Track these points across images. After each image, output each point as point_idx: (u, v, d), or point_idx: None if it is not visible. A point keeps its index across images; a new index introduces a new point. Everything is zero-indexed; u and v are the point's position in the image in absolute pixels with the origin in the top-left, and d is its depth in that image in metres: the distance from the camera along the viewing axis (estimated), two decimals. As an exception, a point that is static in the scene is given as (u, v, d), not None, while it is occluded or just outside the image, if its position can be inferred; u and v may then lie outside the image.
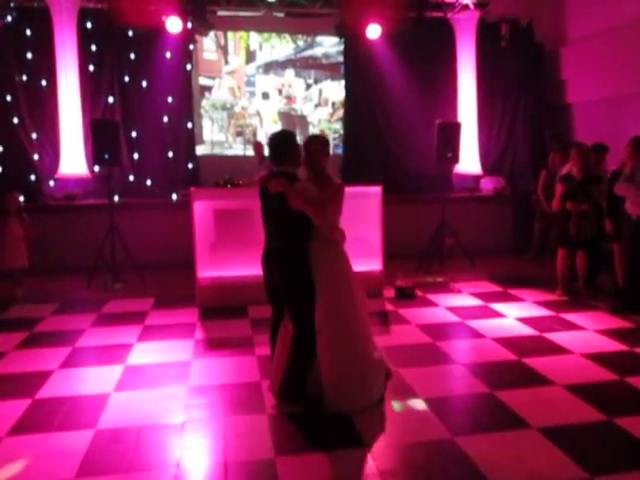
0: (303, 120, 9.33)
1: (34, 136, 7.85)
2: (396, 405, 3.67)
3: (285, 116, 9.25)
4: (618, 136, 6.85)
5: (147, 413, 3.58)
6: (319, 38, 9.18)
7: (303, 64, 9.20)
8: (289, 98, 9.25)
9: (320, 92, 9.33)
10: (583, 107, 8.69)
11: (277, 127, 8.97)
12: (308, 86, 9.28)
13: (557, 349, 4.64)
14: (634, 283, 5.57)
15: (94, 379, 4.13)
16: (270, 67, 9.15)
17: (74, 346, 4.77)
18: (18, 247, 6.17)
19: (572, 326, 5.20)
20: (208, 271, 5.89)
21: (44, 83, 7.84)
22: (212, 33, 8.70)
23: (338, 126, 9.37)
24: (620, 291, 5.75)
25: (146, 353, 4.61)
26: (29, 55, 7.76)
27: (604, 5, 8.08)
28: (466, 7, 8.61)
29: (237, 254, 5.89)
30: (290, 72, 9.19)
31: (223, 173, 7.85)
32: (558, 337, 4.89)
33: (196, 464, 3.03)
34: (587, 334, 5.00)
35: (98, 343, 4.91)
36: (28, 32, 7.78)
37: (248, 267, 5.87)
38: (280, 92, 9.20)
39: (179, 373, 4.18)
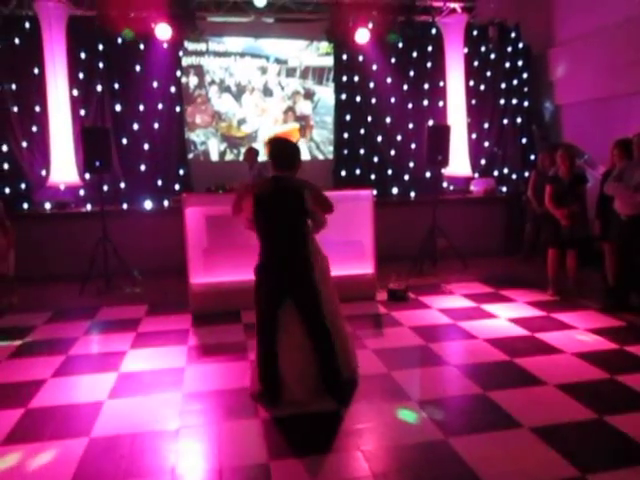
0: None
1: (24, 145, 7.83)
2: (390, 408, 3.69)
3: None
4: (606, 137, 6.91)
5: (141, 420, 3.58)
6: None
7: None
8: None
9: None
10: (571, 108, 8.77)
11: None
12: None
13: (549, 349, 4.68)
14: (624, 282, 5.64)
15: (88, 387, 4.12)
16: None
17: (67, 354, 4.76)
18: (3, 256, 6.00)
19: (563, 326, 5.25)
20: (201, 277, 5.90)
21: (34, 91, 7.82)
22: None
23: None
24: (610, 290, 5.81)
25: (140, 360, 4.61)
26: (18, 63, 7.74)
27: (591, 7, 8.17)
28: (454, 11, 8.72)
29: (229, 259, 5.90)
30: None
31: (215, 179, 7.86)
32: (549, 337, 4.94)
33: (191, 470, 3.04)
34: (578, 333, 5.05)
35: (91, 351, 4.92)
36: (17, 40, 7.77)
37: (241, 272, 5.88)
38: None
39: (173, 379, 4.18)
